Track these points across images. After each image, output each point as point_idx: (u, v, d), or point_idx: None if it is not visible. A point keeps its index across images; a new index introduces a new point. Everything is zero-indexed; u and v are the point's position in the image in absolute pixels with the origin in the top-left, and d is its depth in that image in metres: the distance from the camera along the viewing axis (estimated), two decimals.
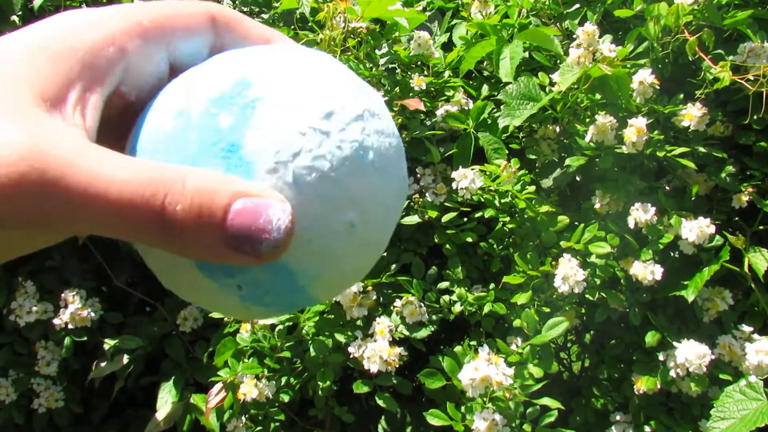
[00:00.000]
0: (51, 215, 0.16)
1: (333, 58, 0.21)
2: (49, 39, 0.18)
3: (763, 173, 0.93)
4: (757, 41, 0.87)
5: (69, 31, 0.18)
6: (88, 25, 0.18)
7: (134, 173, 0.16)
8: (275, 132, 0.17)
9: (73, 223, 0.16)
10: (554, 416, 0.81)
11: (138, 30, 0.19)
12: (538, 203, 0.90)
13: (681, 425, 0.91)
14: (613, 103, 0.91)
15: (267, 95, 0.18)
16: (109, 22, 0.19)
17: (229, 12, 0.22)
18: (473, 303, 0.91)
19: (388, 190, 0.19)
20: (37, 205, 0.15)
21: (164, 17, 0.20)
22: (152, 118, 0.19)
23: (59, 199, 0.16)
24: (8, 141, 0.15)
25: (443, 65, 1.02)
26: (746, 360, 0.82)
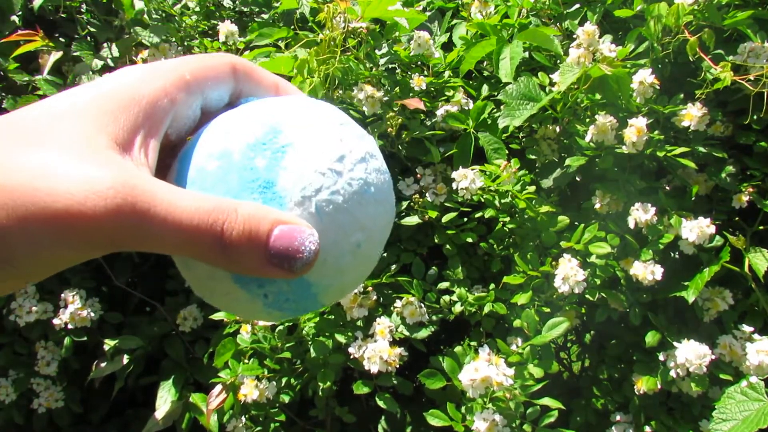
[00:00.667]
0: (142, 240, 0.20)
1: (336, 107, 0.26)
2: (116, 91, 0.22)
3: (763, 173, 0.93)
4: (758, 41, 0.87)
5: (131, 85, 0.22)
6: (145, 80, 0.22)
7: (199, 205, 0.20)
8: (301, 172, 0.22)
9: (155, 245, 0.20)
10: (554, 416, 0.81)
11: (183, 83, 0.23)
12: (538, 203, 0.90)
13: (681, 425, 0.91)
14: (613, 103, 0.91)
15: (294, 141, 0.23)
16: (162, 77, 0.23)
17: (245, 63, 0.26)
18: (473, 303, 0.91)
19: (384, 216, 0.24)
20: (131, 231, 0.19)
21: (200, 70, 0.24)
22: (197, 159, 0.23)
23: (147, 226, 0.19)
24: (101, 178, 0.19)
25: (443, 65, 1.02)
26: (747, 360, 0.82)
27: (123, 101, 0.22)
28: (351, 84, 0.92)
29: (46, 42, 0.97)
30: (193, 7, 1.15)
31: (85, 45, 1.03)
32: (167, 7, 1.10)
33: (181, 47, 1.09)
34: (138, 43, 1.06)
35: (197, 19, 1.14)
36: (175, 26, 1.10)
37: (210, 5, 1.15)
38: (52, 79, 0.97)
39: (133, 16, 1.04)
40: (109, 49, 1.06)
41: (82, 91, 0.22)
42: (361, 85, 0.90)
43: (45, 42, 0.97)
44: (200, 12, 1.15)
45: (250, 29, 1.01)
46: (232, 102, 0.26)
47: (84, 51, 1.01)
